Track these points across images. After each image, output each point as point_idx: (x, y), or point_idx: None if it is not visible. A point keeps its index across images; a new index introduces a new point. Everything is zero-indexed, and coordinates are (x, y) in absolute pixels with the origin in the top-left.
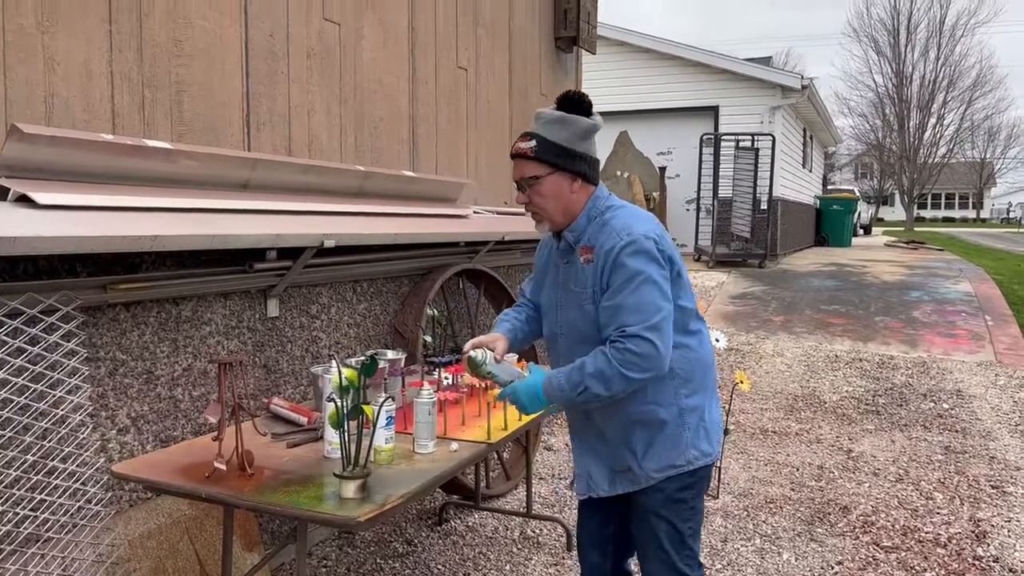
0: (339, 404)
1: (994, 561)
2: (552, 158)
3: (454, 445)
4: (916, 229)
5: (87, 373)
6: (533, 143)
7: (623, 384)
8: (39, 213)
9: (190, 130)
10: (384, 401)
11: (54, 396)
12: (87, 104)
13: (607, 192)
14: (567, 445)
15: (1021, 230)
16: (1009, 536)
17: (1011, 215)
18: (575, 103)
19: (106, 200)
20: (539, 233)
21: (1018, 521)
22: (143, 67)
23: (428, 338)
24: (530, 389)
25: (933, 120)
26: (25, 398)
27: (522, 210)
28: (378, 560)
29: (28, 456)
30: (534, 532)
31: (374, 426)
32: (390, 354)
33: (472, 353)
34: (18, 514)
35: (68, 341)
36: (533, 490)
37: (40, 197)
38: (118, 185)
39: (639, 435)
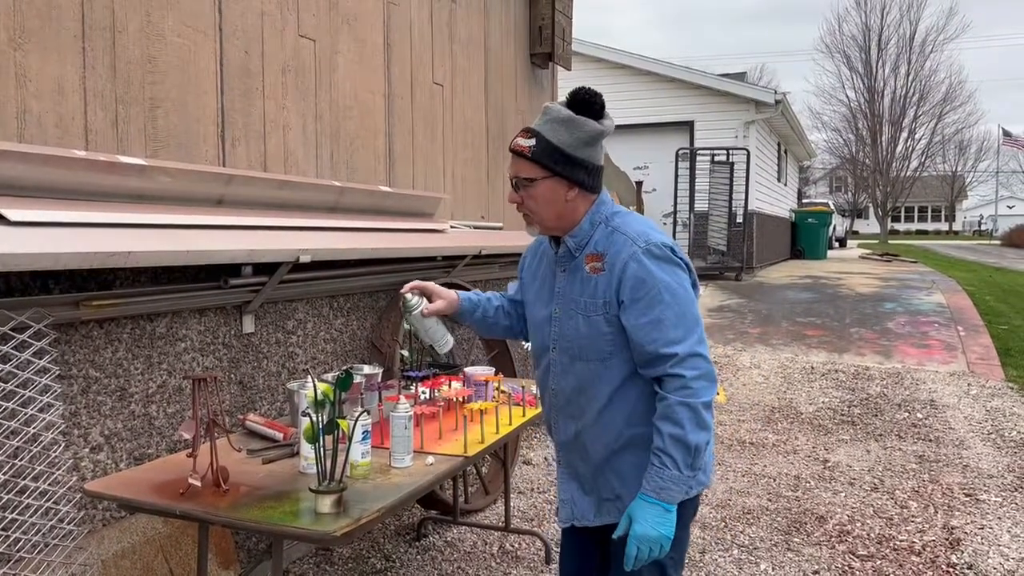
0: (314, 419)
1: (968, 568)
2: (550, 162)
3: (430, 459)
4: (890, 242)
5: (59, 391)
6: (533, 142)
7: (709, 412)
8: (11, 230)
9: (164, 146)
10: (360, 415)
11: (26, 414)
12: (59, 120)
13: (610, 198)
14: (546, 459)
15: (992, 242)
16: (982, 543)
17: (982, 227)
18: (585, 104)
19: (79, 216)
20: (529, 235)
21: (991, 528)
22: (116, 83)
23: (405, 352)
24: (648, 518)
25: (905, 134)
26: None
27: (499, 224)
28: None
29: None
30: (513, 546)
31: (350, 440)
32: (366, 368)
33: (407, 295)
34: None
35: (40, 358)
36: (512, 504)
37: (12, 214)
38: (91, 201)
39: (628, 459)
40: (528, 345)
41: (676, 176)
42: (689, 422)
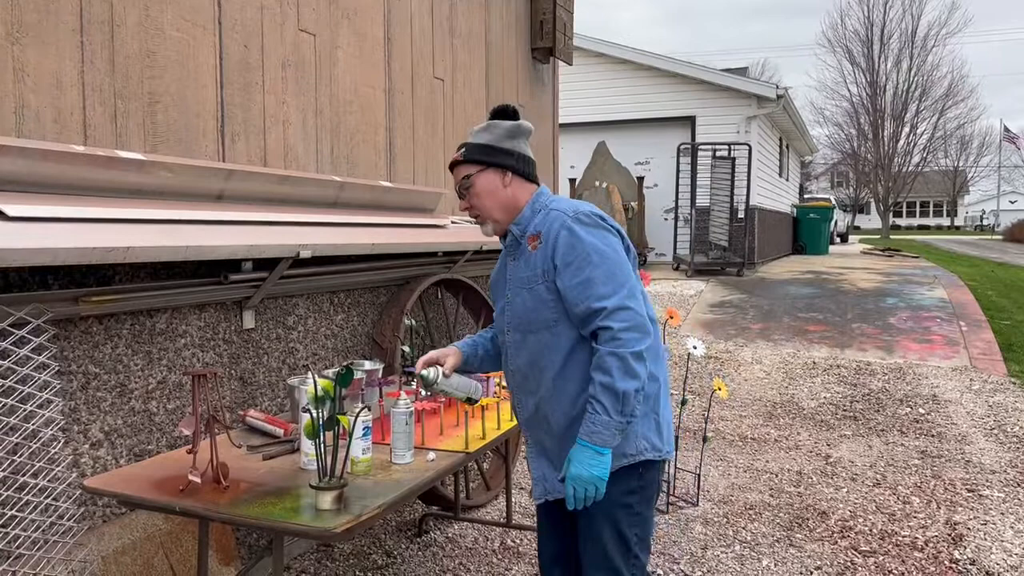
0: (315, 415)
1: (971, 563)
2: (479, 156)
3: (431, 455)
4: (892, 237)
5: (59, 387)
6: (463, 150)
7: (640, 363)
8: (9, 225)
9: (164, 141)
10: (360, 411)
11: (25, 410)
12: (58, 115)
13: (550, 192)
14: None
15: (994, 237)
16: (985, 539)
17: (984, 222)
18: (501, 112)
19: (78, 211)
20: (485, 235)
21: (994, 524)
22: (115, 78)
23: (406, 348)
24: (582, 459)
25: (907, 129)
26: None
27: None
28: (357, 573)
29: None
30: (514, 542)
31: (350, 437)
32: (367, 364)
33: (423, 372)
34: None
35: (39, 354)
36: (513, 500)
37: (10, 209)
38: (90, 196)
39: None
40: None
41: (678, 171)
42: (617, 370)
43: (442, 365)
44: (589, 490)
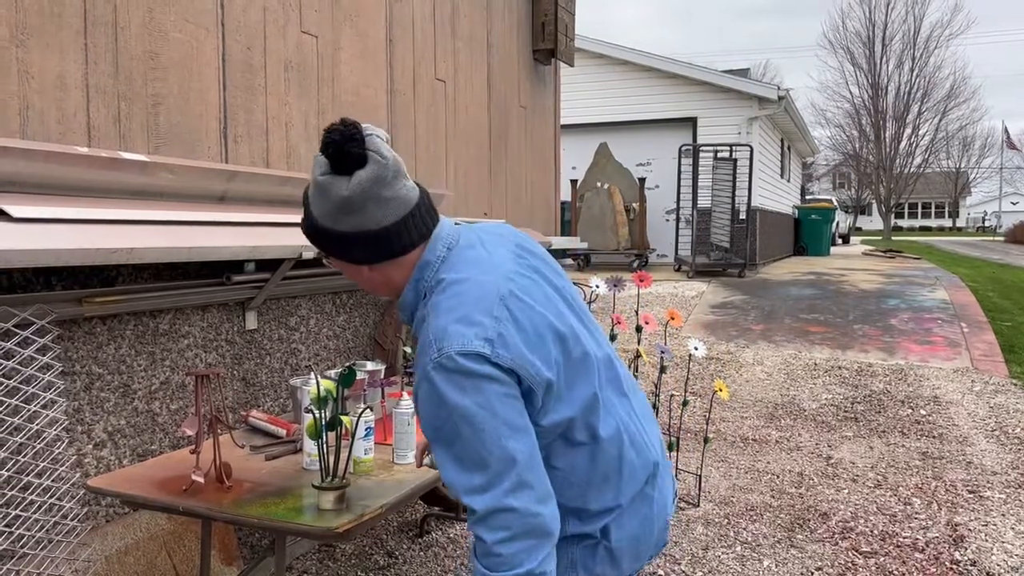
0: (317, 415)
1: (971, 565)
2: (320, 243)
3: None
4: (894, 238)
5: (62, 387)
6: (303, 214)
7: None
8: (13, 226)
9: (166, 143)
10: (363, 412)
11: (29, 410)
12: (62, 116)
13: (446, 246)
14: None
15: (996, 238)
16: (986, 540)
17: (986, 223)
18: (338, 155)
19: (81, 213)
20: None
21: (995, 525)
22: (119, 80)
23: (408, 349)
24: None
25: (908, 130)
26: None
27: (502, 221)
28: (359, 573)
29: (2, 471)
30: None
31: (353, 437)
32: (369, 365)
33: None
34: None
35: (43, 355)
36: None
37: (14, 210)
38: (94, 198)
39: None
40: None
41: (679, 173)
42: None
43: None
44: None
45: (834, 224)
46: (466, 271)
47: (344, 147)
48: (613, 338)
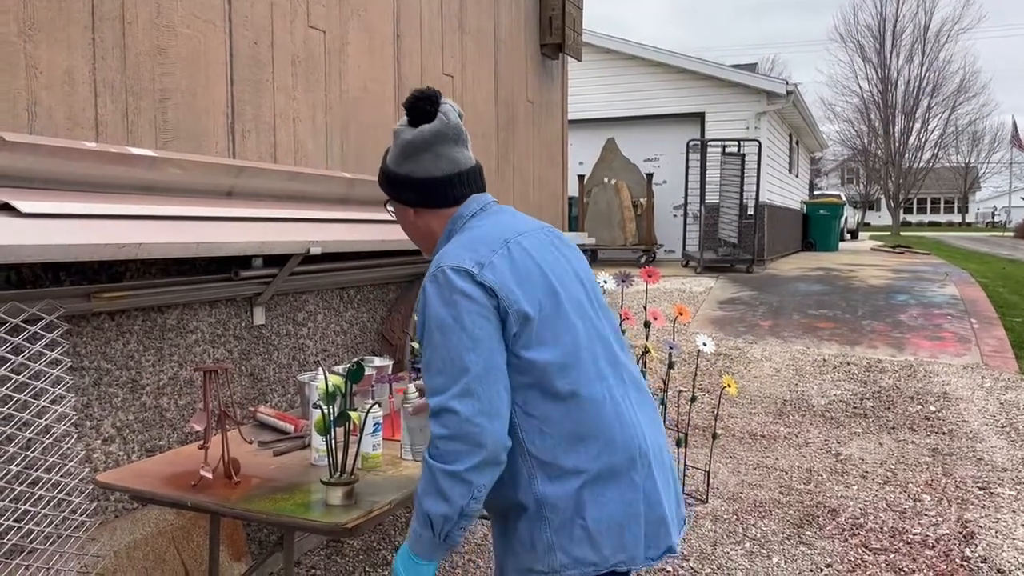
0: (325, 411)
1: (982, 562)
2: (385, 186)
3: None
4: (902, 233)
5: (71, 382)
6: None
7: (454, 484)
8: (22, 221)
9: (174, 138)
10: (371, 407)
11: (38, 406)
12: (70, 112)
13: (480, 205)
14: None
15: (1006, 234)
16: (996, 537)
17: (996, 219)
18: (415, 109)
19: (90, 208)
20: None
21: (1005, 522)
22: (126, 75)
23: (416, 344)
24: (404, 560)
25: (918, 125)
26: (8, 408)
27: None
28: (367, 568)
29: (11, 467)
30: None
31: (361, 432)
32: (377, 360)
33: None
34: (1, 525)
35: (52, 350)
36: None
37: (23, 205)
38: (102, 193)
39: (501, 526)
40: None
41: (687, 168)
42: (426, 483)
43: None
44: None
45: (842, 220)
46: (488, 222)
47: (418, 102)
48: (622, 333)
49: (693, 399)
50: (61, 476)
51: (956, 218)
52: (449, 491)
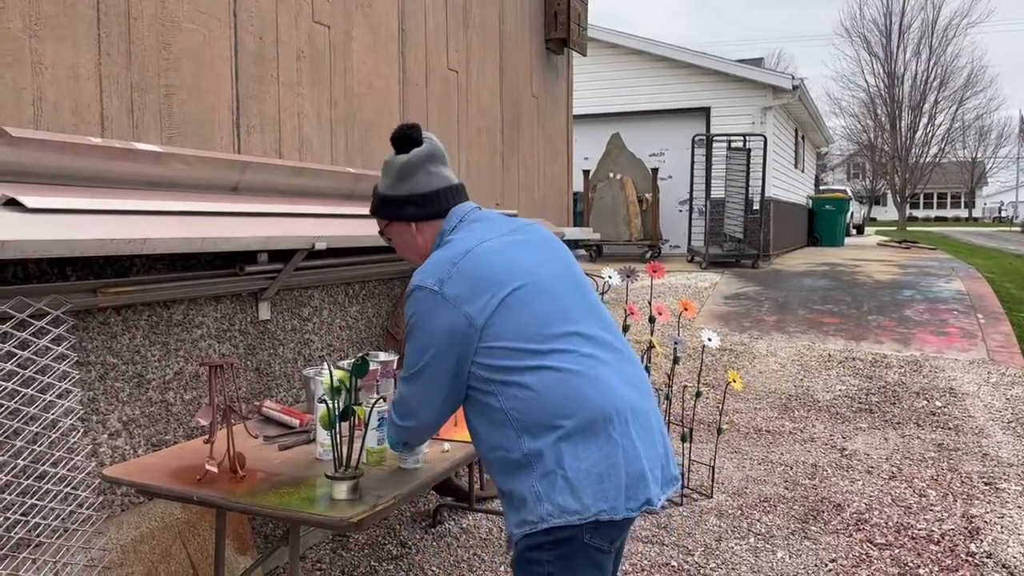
0: (330, 406)
1: (987, 557)
2: (382, 211)
3: (446, 446)
4: (909, 229)
5: (77, 377)
6: (371, 204)
7: (394, 430)
8: (28, 216)
9: (179, 133)
10: (376, 402)
11: (44, 400)
12: (75, 107)
13: (459, 218)
14: None
15: (1012, 229)
16: (1002, 532)
17: (1003, 214)
18: (400, 140)
19: (95, 203)
20: None
21: (1011, 517)
22: (132, 70)
23: None
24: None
25: (924, 120)
26: (15, 402)
27: (513, 211)
28: (372, 563)
29: (18, 460)
30: None
31: (366, 427)
32: (382, 356)
33: None
34: (8, 519)
35: (58, 345)
36: None
37: (29, 200)
38: (108, 188)
39: (506, 491)
40: None
41: (692, 163)
42: (393, 402)
43: None
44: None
45: (848, 215)
46: (460, 236)
47: (407, 131)
48: (626, 329)
49: (698, 394)
50: (68, 470)
51: (963, 213)
52: (392, 427)
